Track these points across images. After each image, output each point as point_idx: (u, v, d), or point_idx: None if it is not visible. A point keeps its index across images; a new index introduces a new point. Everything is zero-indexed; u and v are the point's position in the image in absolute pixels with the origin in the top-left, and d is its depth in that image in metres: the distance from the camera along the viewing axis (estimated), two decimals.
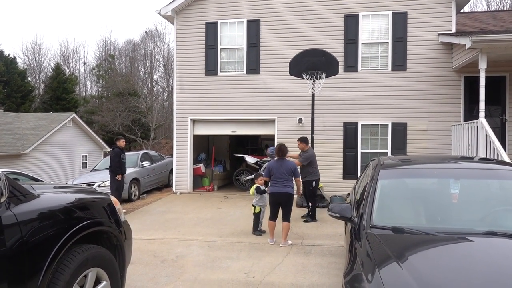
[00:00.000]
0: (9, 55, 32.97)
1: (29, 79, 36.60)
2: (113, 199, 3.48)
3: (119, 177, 8.80)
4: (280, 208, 6.04)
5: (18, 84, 31.41)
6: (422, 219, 3.00)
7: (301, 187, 6.83)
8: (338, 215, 3.16)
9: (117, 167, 8.79)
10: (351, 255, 2.76)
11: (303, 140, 7.63)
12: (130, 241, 3.61)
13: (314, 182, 7.48)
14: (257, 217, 6.61)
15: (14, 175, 7.21)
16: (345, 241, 3.76)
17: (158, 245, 6.12)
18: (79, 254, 2.71)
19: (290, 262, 5.17)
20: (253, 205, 6.65)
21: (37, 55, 41.99)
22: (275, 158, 6.23)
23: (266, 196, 6.38)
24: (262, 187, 6.49)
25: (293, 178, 6.14)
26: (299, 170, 6.07)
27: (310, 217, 7.52)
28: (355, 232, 2.92)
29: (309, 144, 7.84)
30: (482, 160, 4.47)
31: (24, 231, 2.31)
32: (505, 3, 27.65)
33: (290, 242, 6.05)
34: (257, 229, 6.62)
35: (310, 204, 7.63)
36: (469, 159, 4.29)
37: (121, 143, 9.08)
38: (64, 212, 2.73)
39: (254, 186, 6.56)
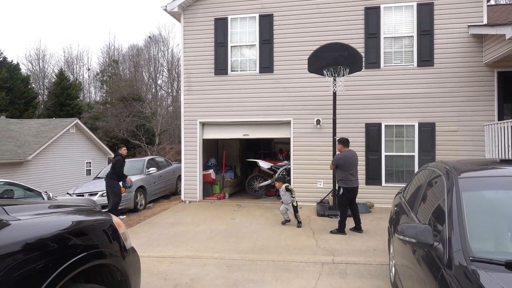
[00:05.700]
0: (12, 61, 32.51)
1: (32, 85, 36.12)
2: (116, 220, 2.73)
3: (129, 179, 9.14)
4: None
5: (21, 90, 30.88)
6: None
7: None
8: (413, 240, 2.37)
9: (122, 175, 8.94)
10: None
11: (339, 141, 6.98)
12: (138, 274, 2.85)
13: (342, 189, 6.69)
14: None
15: (7, 186, 6.49)
16: (412, 267, 2.95)
17: (169, 265, 5.36)
18: None
19: (325, 287, 4.38)
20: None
21: (41, 61, 41.64)
22: None
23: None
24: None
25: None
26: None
27: (337, 229, 6.72)
28: (444, 265, 2.14)
29: (346, 146, 6.89)
30: None
31: None
32: None
33: None
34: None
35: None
36: None
37: (123, 151, 9.16)
38: (44, 246, 1.97)
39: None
